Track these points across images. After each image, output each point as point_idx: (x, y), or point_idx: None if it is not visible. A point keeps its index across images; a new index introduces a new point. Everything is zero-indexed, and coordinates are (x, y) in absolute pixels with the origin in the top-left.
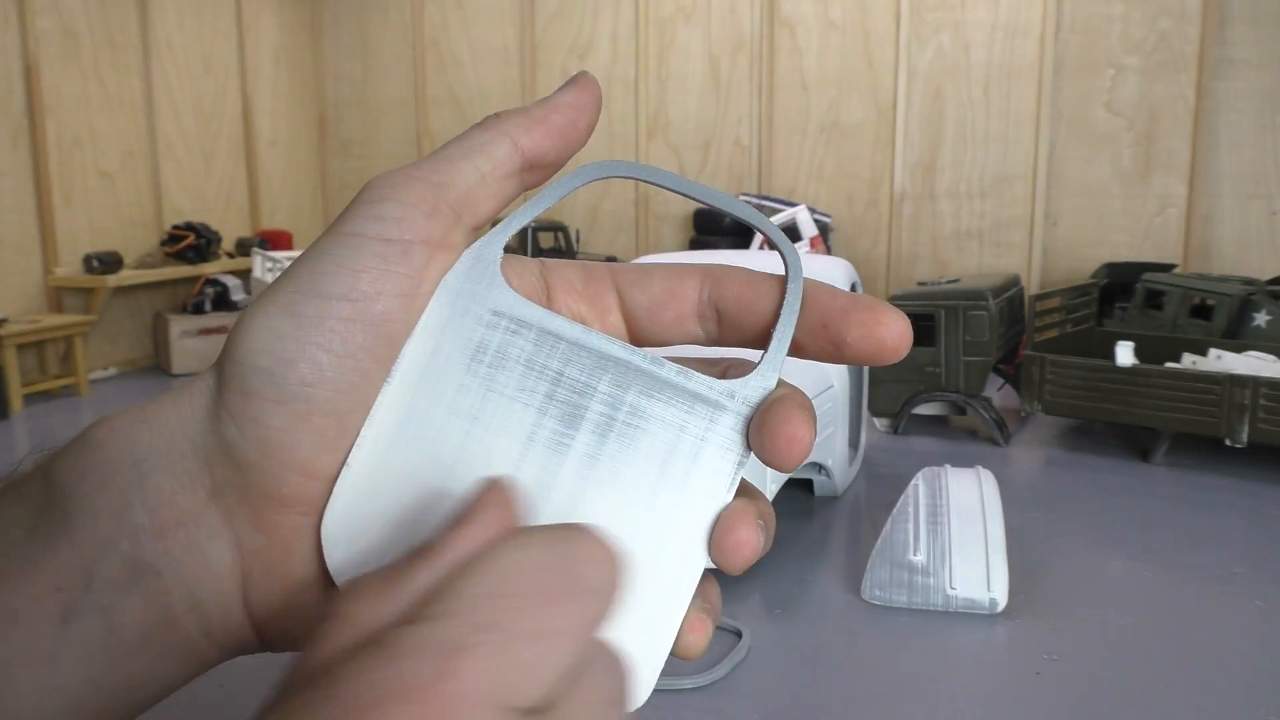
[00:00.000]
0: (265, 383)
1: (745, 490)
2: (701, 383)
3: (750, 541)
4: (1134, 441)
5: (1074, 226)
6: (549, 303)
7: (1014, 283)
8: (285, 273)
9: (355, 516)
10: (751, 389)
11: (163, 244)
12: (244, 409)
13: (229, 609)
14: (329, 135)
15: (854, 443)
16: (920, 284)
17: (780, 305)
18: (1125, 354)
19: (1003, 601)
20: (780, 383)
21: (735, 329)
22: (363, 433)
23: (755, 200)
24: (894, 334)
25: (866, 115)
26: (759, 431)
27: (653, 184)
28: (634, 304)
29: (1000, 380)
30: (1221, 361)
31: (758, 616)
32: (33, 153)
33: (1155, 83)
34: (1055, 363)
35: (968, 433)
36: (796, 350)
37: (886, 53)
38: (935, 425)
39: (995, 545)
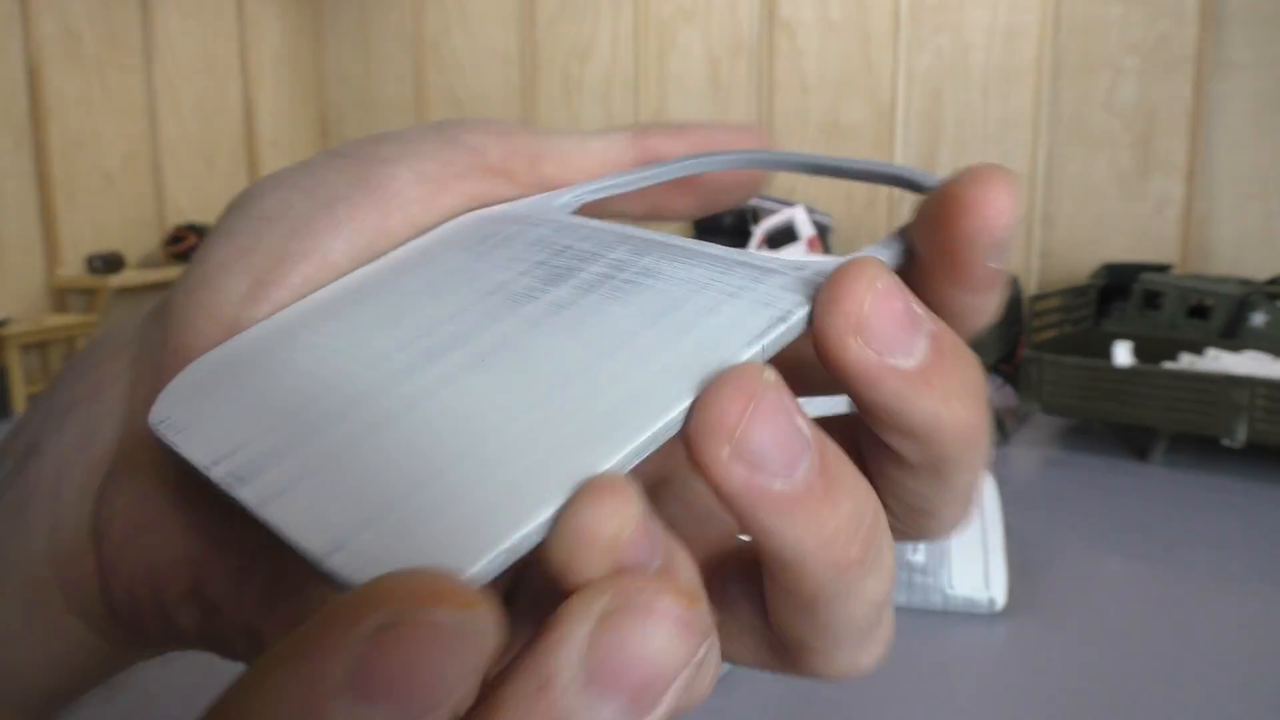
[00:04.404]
0: (233, 219)
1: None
2: (760, 256)
3: (729, 416)
4: (1132, 441)
5: (1072, 227)
6: None
7: (1011, 283)
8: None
9: (216, 388)
10: (828, 262)
11: (166, 244)
12: (201, 251)
13: (78, 518)
14: (330, 136)
15: None
16: None
17: None
18: (1123, 354)
19: (1001, 600)
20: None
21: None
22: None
23: (753, 200)
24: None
25: (866, 116)
26: (824, 296)
27: (793, 168)
28: None
29: (999, 380)
30: (1219, 362)
31: None
32: (36, 154)
33: (1153, 84)
34: (1054, 363)
35: None
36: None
37: (885, 54)
38: None
39: (994, 544)
